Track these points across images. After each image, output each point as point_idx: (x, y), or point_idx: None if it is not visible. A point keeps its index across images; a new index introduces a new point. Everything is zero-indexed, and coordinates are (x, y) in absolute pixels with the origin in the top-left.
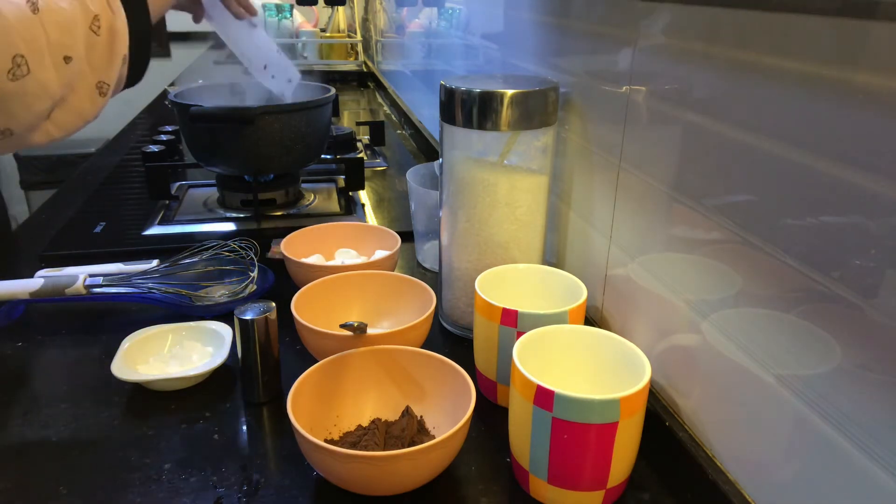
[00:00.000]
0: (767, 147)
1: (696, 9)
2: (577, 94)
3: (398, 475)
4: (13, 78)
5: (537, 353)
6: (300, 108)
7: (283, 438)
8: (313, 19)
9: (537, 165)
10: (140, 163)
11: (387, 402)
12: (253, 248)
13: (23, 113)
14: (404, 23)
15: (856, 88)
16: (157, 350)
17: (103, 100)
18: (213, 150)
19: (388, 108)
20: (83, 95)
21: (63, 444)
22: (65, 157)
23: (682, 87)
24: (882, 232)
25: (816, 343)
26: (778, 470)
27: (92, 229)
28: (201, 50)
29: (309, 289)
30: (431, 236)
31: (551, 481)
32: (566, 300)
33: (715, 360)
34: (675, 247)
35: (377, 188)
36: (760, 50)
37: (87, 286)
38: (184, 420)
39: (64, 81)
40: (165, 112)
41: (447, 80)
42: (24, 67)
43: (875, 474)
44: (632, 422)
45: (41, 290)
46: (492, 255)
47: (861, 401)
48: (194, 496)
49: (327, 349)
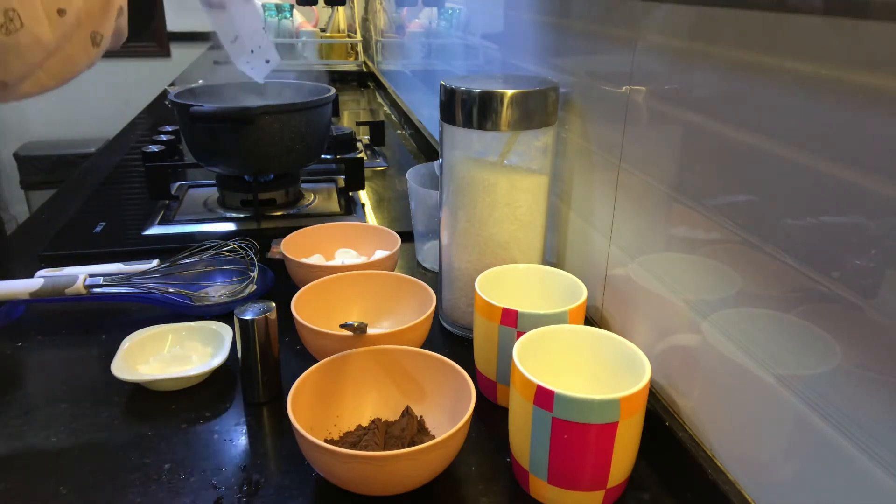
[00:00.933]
0: (767, 147)
1: (696, 9)
2: (577, 94)
3: (398, 475)
4: (6, 32)
5: (537, 353)
6: (300, 108)
7: (283, 438)
8: (313, 19)
9: (537, 165)
10: (140, 163)
11: (387, 402)
12: (253, 248)
13: (17, 65)
14: (404, 23)
15: (856, 88)
16: (157, 350)
17: (97, 50)
18: (213, 150)
19: (388, 108)
20: (77, 45)
21: (63, 444)
22: (65, 157)
23: (682, 87)
24: (882, 232)
25: (816, 343)
26: (778, 470)
27: (92, 229)
28: (201, 50)
29: (309, 289)
30: (431, 236)
31: (551, 481)
32: (566, 300)
33: (715, 360)
34: (675, 247)
35: (377, 188)
36: (760, 50)
37: (87, 286)
38: (184, 420)
39: (58, 34)
40: (165, 112)
41: (447, 80)
42: (16, 21)
43: (875, 474)
44: (632, 422)
45: (41, 290)
46: (492, 255)
47: (861, 401)
48: (194, 496)
49: (327, 349)
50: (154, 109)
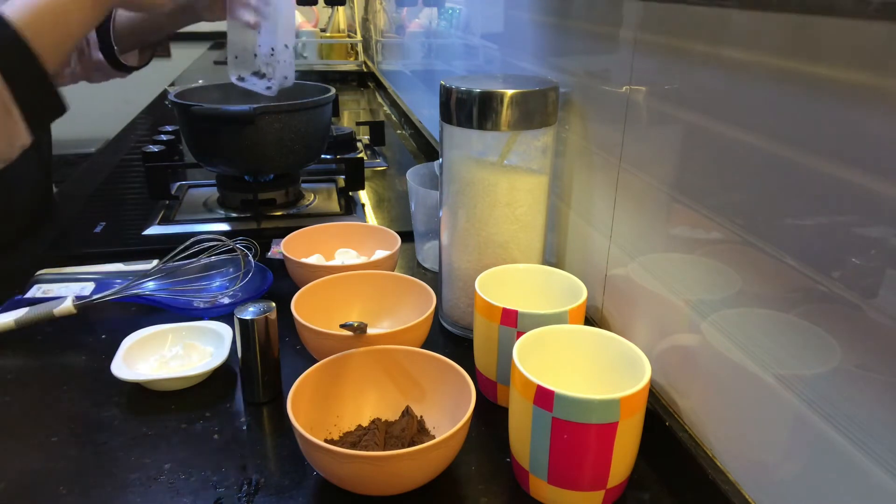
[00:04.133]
0: (767, 147)
1: (696, 9)
2: (577, 94)
3: (398, 475)
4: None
5: (537, 353)
6: (300, 108)
7: (283, 438)
8: (313, 19)
9: (537, 165)
10: (140, 163)
11: (387, 402)
12: (253, 248)
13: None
14: (404, 23)
15: (856, 88)
16: (157, 350)
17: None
18: (213, 150)
19: (388, 108)
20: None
21: (63, 444)
22: (65, 157)
23: (682, 87)
24: (882, 232)
25: (816, 343)
26: (778, 470)
27: (92, 229)
28: (201, 50)
29: (309, 289)
30: (431, 236)
31: (551, 481)
32: (566, 300)
33: (715, 360)
34: (675, 247)
35: (377, 188)
36: (760, 50)
37: (76, 305)
38: (184, 420)
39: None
40: (165, 112)
41: (447, 80)
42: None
43: (875, 474)
44: (632, 422)
45: (25, 318)
46: (492, 255)
47: (861, 401)
48: (194, 496)
49: (327, 349)
50: (154, 109)
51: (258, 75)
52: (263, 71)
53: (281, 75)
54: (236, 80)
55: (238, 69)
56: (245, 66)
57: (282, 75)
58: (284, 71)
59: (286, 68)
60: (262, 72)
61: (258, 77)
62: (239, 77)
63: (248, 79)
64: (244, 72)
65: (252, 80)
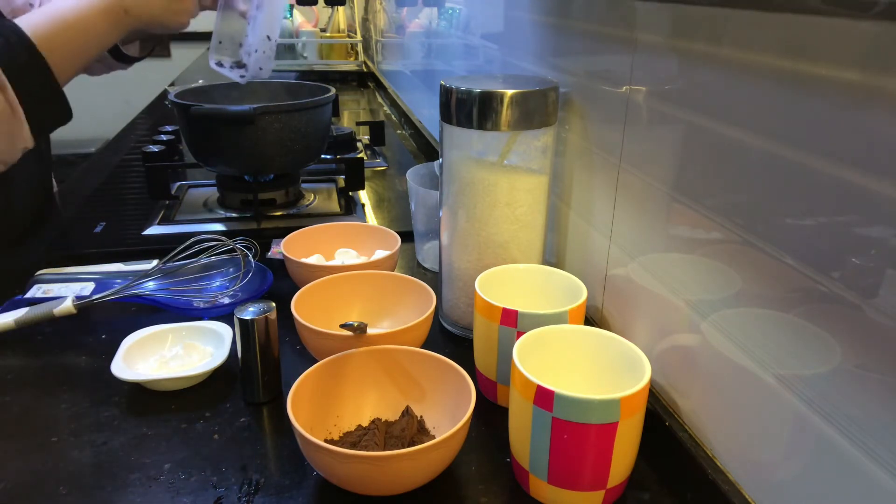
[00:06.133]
0: (767, 147)
1: (695, 9)
2: (577, 94)
3: (398, 475)
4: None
5: (537, 353)
6: (300, 108)
7: (283, 438)
8: (313, 19)
9: (537, 165)
10: (140, 163)
11: (387, 402)
12: (253, 248)
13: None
14: (404, 23)
15: (856, 88)
16: (157, 350)
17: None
18: (213, 150)
19: (388, 108)
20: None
21: (63, 444)
22: (65, 157)
23: (682, 87)
24: (882, 232)
25: (816, 343)
26: (778, 470)
27: (92, 229)
28: (201, 50)
29: (309, 289)
30: (431, 236)
31: (551, 481)
32: (566, 300)
33: (715, 360)
34: (675, 247)
35: (377, 188)
36: (760, 50)
37: (76, 305)
38: (184, 420)
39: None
40: (165, 112)
41: (447, 80)
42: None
43: (875, 474)
44: (632, 422)
45: (25, 318)
46: (492, 255)
47: (861, 401)
48: (194, 496)
49: (327, 349)
50: (154, 109)
51: (238, 64)
52: (244, 61)
53: (257, 66)
54: (215, 64)
55: (220, 54)
56: (227, 53)
57: (258, 66)
58: (262, 62)
59: (265, 60)
60: (244, 62)
61: (238, 66)
62: (218, 62)
63: (226, 65)
64: (225, 58)
65: (229, 67)
